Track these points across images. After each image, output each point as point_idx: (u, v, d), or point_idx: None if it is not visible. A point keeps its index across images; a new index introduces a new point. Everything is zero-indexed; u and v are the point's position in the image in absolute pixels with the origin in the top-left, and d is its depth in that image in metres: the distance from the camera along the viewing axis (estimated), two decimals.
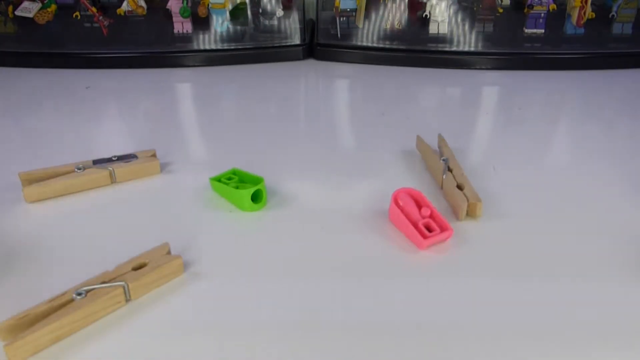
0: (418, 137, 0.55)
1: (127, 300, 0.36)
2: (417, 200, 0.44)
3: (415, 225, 0.42)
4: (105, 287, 0.35)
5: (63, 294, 0.35)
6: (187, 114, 0.69)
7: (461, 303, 0.36)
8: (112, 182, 0.51)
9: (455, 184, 0.47)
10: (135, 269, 0.37)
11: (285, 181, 0.50)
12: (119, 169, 0.51)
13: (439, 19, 0.85)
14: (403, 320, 0.35)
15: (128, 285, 0.36)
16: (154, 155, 0.53)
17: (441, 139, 0.54)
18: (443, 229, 0.42)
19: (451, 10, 0.86)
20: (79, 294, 0.35)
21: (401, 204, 0.44)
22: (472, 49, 0.85)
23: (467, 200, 0.44)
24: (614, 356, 0.32)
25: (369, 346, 0.33)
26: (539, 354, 0.32)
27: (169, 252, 0.39)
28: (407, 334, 0.33)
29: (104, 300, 0.35)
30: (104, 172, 0.50)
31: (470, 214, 0.45)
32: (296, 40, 0.88)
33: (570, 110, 0.71)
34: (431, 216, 0.42)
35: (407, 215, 0.42)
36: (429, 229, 0.41)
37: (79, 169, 0.50)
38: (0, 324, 0.33)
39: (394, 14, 0.86)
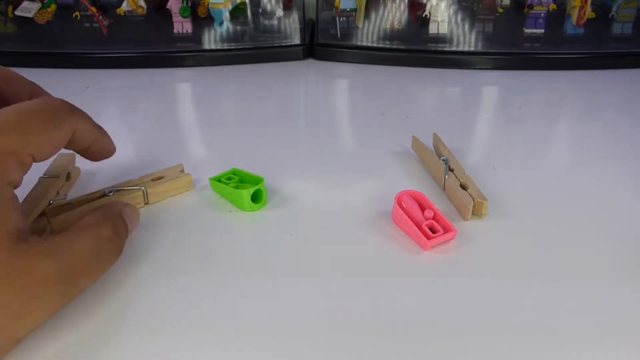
0: (414, 138, 0.55)
1: (146, 203, 0.45)
2: (420, 202, 0.44)
3: (419, 227, 0.42)
4: (129, 188, 0.44)
5: (97, 191, 0.43)
6: (187, 114, 0.69)
7: (466, 303, 0.36)
8: None
9: (459, 184, 0.47)
10: (154, 180, 0.46)
11: (285, 181, 0.50)
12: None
13: (439, 19, 0.85)
14: (408, 320, 0.34)
15: (147, 191, 0.44)
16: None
17: (437, 138, 0.54)
18: (447, 229, 0.42)
19: (451, 10, 0.86)
20: (109, 193, 0.43)
21: (405, 206, 0.44)
22: (472, 49, 0.85)
23: (473, 200, 0.44)
24: (620, 357, 0.32)
25: (373, 346, 0.33)
26: (546, 354, 0.32)
27: (182, 171, 0.48)
28: (411, 334, 0.33)
29: (128, 199, 0.43)
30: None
31: (476, 212, 0.45)
32: (296, 40, 0.88)
33: (570, 110, 0.71)
34: (434, 218, 0.42)
35: (410, 217, 0.42)
36: (433, 231, 0.41)
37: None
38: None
39: (394, 14, 0.86)
